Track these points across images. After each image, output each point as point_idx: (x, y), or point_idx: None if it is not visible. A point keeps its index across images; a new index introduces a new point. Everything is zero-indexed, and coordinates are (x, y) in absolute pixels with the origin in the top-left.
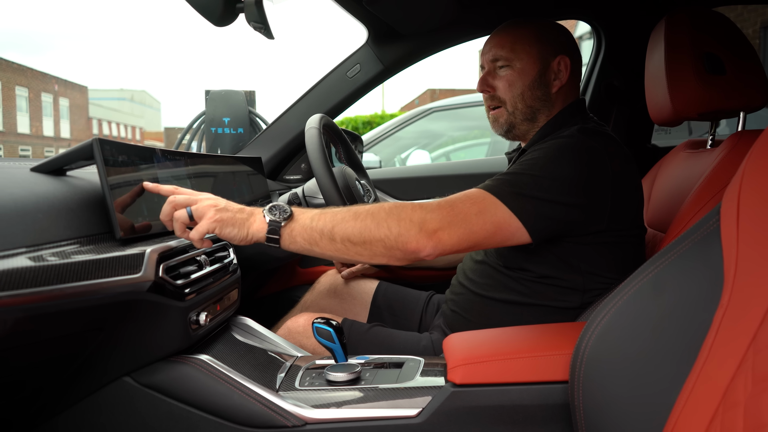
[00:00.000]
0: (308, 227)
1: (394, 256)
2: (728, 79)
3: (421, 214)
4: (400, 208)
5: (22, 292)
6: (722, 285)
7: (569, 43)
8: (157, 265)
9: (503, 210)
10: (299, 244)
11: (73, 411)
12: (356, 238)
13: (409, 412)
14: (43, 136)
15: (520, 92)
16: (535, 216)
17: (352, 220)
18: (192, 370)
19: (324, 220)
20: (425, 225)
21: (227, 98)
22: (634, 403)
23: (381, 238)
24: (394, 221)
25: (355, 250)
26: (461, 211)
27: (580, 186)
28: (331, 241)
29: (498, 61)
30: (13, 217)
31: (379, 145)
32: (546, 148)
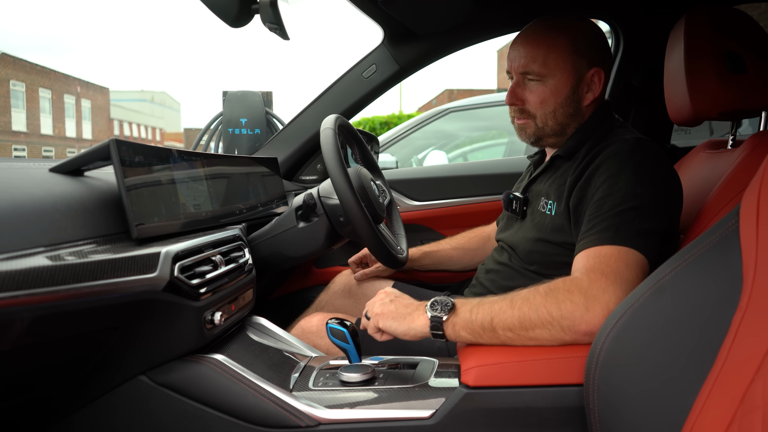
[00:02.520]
0: (469, 321)
1: (563, 340)
2: (749, 78)
3: (581, 291)
4: (556, 291)
5: (40, 291)
6: (741, 288)
7: (603, 49)
8: (173, 264)
9: (638, 255)
10: (463, 337)
11: (89, 409)
12: (517, 327)
13: (423, 414)
14: (66, 137)
15: (552, 110)
16: (654, 249)
17: (509, 309)
18: (207, 369)
19: (483, 313)
20: (592, 303)
21: (244, 99)
22: (650, 406)
23: (543, 324)
24: (554, 305)
25: (521, 340)
26: (613, 272)
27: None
28: (493, 332)
29: (529, 74)
30: (31, 217)
31: (396, 145)
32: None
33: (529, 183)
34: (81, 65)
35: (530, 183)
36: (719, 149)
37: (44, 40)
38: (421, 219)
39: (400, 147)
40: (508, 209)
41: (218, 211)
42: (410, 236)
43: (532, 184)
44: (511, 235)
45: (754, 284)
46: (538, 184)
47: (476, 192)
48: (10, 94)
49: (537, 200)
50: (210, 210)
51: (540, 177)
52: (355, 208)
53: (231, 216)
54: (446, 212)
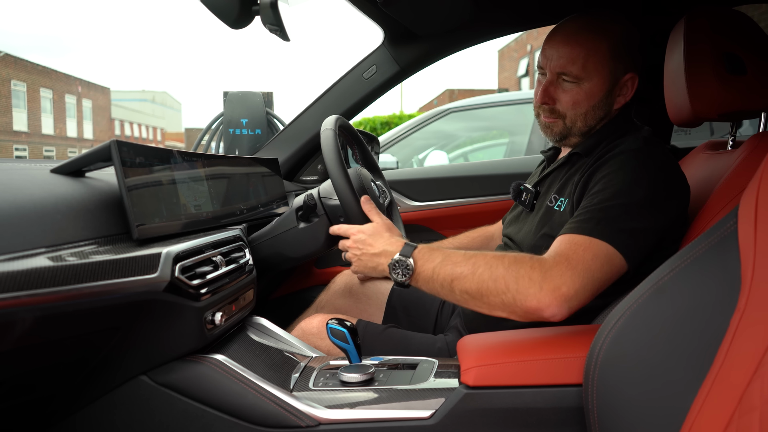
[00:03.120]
0: (430, 279)
1: (515, 313)
2: (749, 79)
3: (540, 272)
4: (518, 262)
5: (41, 292)
6: (739, 289)
7: (637, 54)
8: (173, 265)
9: (610, 249)
10: (425, 290)
11: (90, 410)
12: (474, 291)
13: (423, 414)
14: (67, 137)
15: (583, 112)
16: (636, 249)
17: (470, 276)
18: (207, 369)
19: (444, 273)
20: (546, 283)
21: (245, 99)
22: (649, 407)
23: (497, 292)
24: (512, 278)
25: (474, 303)
26: (579, 261)
27: (663, 205)
28: (451, 292)
29: (565, 75)
30: (32, 218)
31: (396, 145)
32: (619, 170)
33: (542, 177)
34: (82, 65)
35: (544, 177)
36: (719, 150)
37: (45, 40)
38: (422, 219)
39: (401, 147)
40: (517, 199)
41: (219, 211)
42: (411, 237)
43: (546, 178)
44: (518, 230)
45: (752, 285)
46: (552, 179)
47: (477, 192)
48: (11, 94)
49: (547, 194)
50: (211, 210)
51: (555, 172)
52: (356, 208)
53: (231, 216)
54: (447, 213)
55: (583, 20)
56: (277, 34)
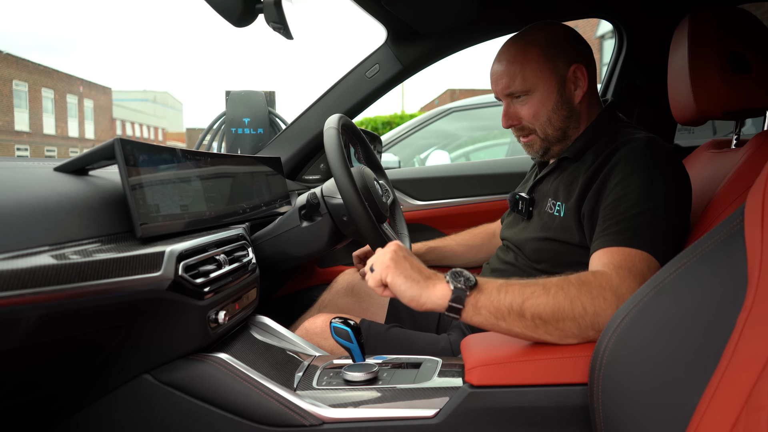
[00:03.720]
0: (495, 300)
1: (587, 336)
2: (753, 77)
3: (612, 286)
4: (589, 284)
5: (45, 290)
6: (746, 287)
7: (578, 45)
8: (177, 263)
9: (652, 259)
10: (483, 317)
11: (93, 408)
12: (548, 316)
13: (427, 413)
14: (68, 137)
15: (546, 118)
16: (666, 251)
17: (544, 295)
18: (211, 368)
19: (513, 294)
20: (622, 299)
21: (247, 99)
22: (655, 405)
23: (575, 317)
24: (588, 300)
25: (545, 329)
26: (639, 273)
27: (680, 199)
28: (520, 317)
29: (514, 94)
30: (36, 216)
31: (398, 145)
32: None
33: (534, 184)
34: (84, 65)
35: (536, 184)
36: (723, 149)
37: (47, 40)
38: (424, 218)
39: (403, 147)
40: (514, 210)
41: (222, 210)
42: (413, 236)
43: (538, 185)
44: (516, 234)
45: (759, 284)
46: (545, 184)
47: (479, 192)
48: (13, 93)
49: (544, 201)
50: (214, 209)
51: (546, 178)
52: (359, 207)
53: (234, 215)
54: (449, 212)
55: (511, 40)
56: (281, 33)
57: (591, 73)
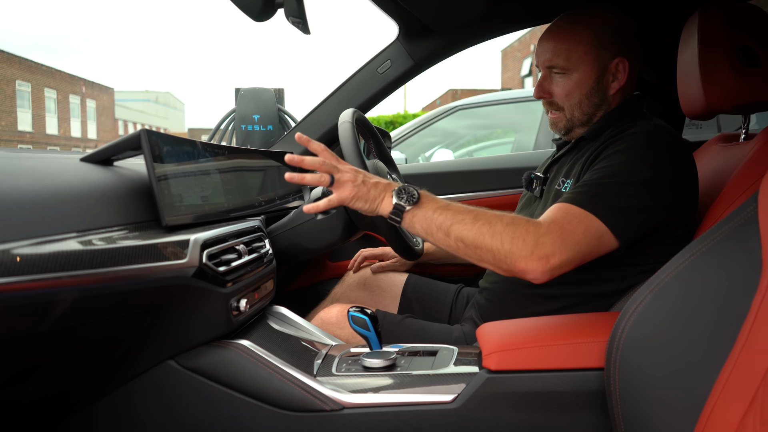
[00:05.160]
0: (429, 218)
1: (501, 268)
2: (763, 71)
3: (535, 236)
4: (516, 223)
5: (81, 273)
6: (761, 271)
7: (630, 39)
8: (201, 252)
9: (601, 226)
10: (416, 230)
11: (119, 393)
12: (469, 241)
13: (445, 398)
14: (71, 137)
15: (577, 101)
16: (625, 227)
17: (471, 223)
18: (234, 354)
19: (445, 216)
20: (537, 249)
21: (257, 96)
22: (672, 388)
23: (492, 248)
24: (508, 236)
25: (465, 251)
26: (570, 233)
27: (663, 186)
28: (446, 236)
29: (554, 68)
30: (69, 203)
31: (403, 144)
32: (625, 149)
33: (551, 163)
34: (86, 65)
35: (552, 163)
36: (731, 143)
37: (49, 40)
38: None
39: (408, 145)
40: (529, 188)
41: (239, 202)
42: None
43: (555, 165)
44: (528, 214)
45: None
46: (561, 164)
47: (487, 186)
48: (15, 94)
49: (556, 179)
50: (231, 201)
51: (563, 157)
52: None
53: (251, 208)
54: None
55: (566, 16)
56: (299, 27)
57: (633, 70)
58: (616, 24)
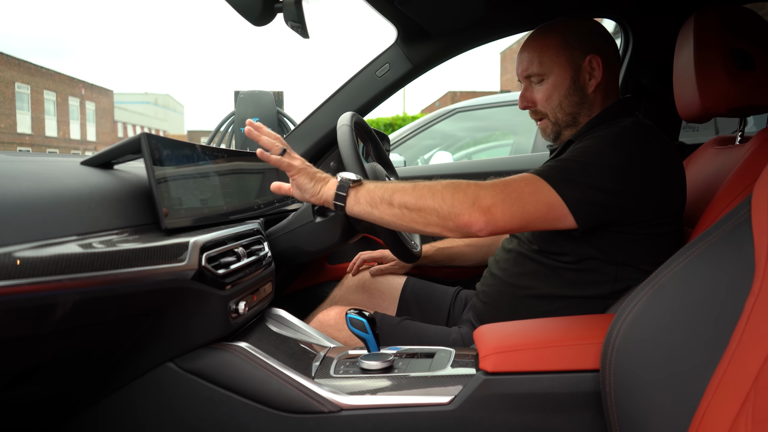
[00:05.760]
0: (371, 191)
1: (447, 227)
2: (758, 74)
3: (475, 190)
4: (457, 183)
5: (81, 276)
6: (753, 273)
7: (600, 39)
8: (200, 254)
9: (553, 194)
10: (362, 206)
11: (118, 395)
12: (411, 204)
13: (442, 400)
14: (70, 139)
15: (557, 103)
16: (582, 202)
17: (411, 189)
18: (232, 356)
19: (386, 188)
20: (478, 200)
21: (257, 99)
22: (666, 389)
23: (435, 207)
24: (449, 193)
25: (410, 216)
26: (514, 190)
27: (629, 174)
28: (389, 205)
29: (531, 77)
30: (69, 206)
31: (401, 146)
32: (598, 137)
33: None
34: (85, 68)
35: None
36: (727, 145)
37: (48, 42)
38: None
39: (406, 148)
40: None
41: (238, 205)
42: None
43: None
44: None
45: (766, 269)
46: None
47: None
48: (15, 96)
49: None
50: (230, 204)
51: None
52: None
53: (250, 211)
54: None
55: (536, 29)
56: (298, 32)
57: (608, 66)
58: (583, 26)
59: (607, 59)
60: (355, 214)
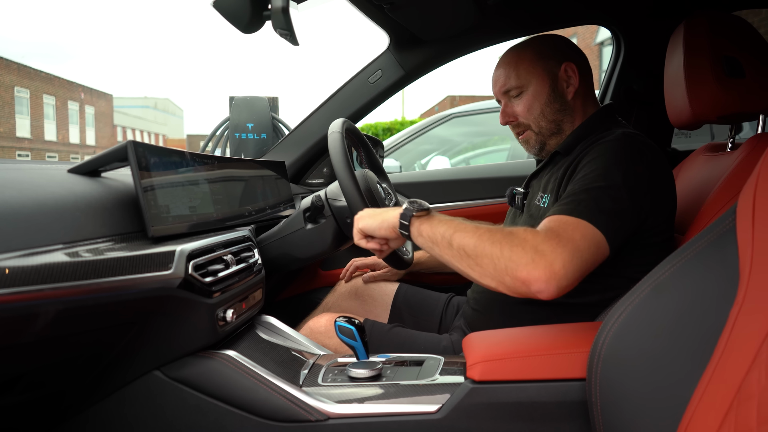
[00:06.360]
0: (434, 227)
1: (503, 282)
2: (747, 82)
3: (534, 243)
4: (515, 233)
5: (63, 285)
6: (737, 283)
7: (570, 49)
8: (187, 262)
9: (597, 233)
10: (423, 239)
11: (104, 404)
12: (470, 249)
13: (430, 408)
14: (69, 143)
15: (539, 112)
16: (615, 230)
17: (472, 231)
18: (219, 365)
19: (449, 225)
20: (538, 256)
21: (251, 104)
22: (651, 398)
23: (492, 256)
24: (508, 244)
25: (467, 262)
26: (569, 239)
27: (642, 188)
28: (449, 246)
29: (510, 91)
30: (54, 215)
31: (399, 151)
32: (600, 156)
33: (530, 179)
34: (84, 72)
35: (531, 179)
36: (719, 152)
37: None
38: None
39: (403, 152)
40: (512, 204)
41: (229, 212)
42: None
43: (533, 180)
44: None
45: (750, 279)
46: (539, 180)
47: (480, 195)
48: (14, 100)
49: (535, 194)
50: (221, 211)
51: (540, 172)
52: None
53: (241, 217)
54: (451, 215)
55: (507, 50)
56: (287, 39)
57: (583, 73)
58: (552, 39)
59: (581, 67)
60: (418, 245)
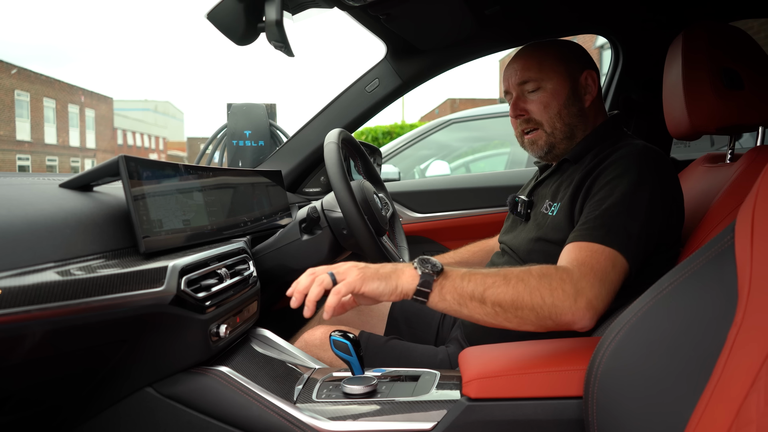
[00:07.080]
0: (459, 287)
1: (545, 326)
2: (746, 94)
3: (572, 283)
4: (550, 276)
5: (51, 306)
6: (736, 303)
7: (590, 59)
8: (179, 278)
9: (623, 260)
10: (448, 303)
11: (96, 421)
12: (507, 303)
13: (425, 426)
14: (70, 147)
15: (557, 111)
16: (637, 252)
17: (503, 284)
18: (212, 381)
19: (476, 281)
20: (580, 297)
21: (249, 111)
22: (648, 419)
23: (533, 306)
24: (547, 290)
25: (505, 316)
26: (603, 273)
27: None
28: (481, 304)
29: (527, 83)
30: (43, 233)
31: (398, 156)
32: (621, 174)
33: (535, 186)
34: (85, 75)
35: (536, 186)
36: (718, 163)
37: (48, 50)
38: (424, 231)
39: (403, 158)
40: (513, 212)
41: (223, 224)
42: (413, 248)
43: (538, 188)
44: (514, 237)
45: (749, 299)
46: (544, 187)
47: (478, 204)
48: (14, 103)
49: (541, 203)
50: (215, 223)
51: (546, 180)
52: (358, 221)
53: (236, 228)
54: (448, 224)
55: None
56: (282, 51)
57: (599, 84)
58: (573, 45)
59: (597, 75)
60: (439, 310)
